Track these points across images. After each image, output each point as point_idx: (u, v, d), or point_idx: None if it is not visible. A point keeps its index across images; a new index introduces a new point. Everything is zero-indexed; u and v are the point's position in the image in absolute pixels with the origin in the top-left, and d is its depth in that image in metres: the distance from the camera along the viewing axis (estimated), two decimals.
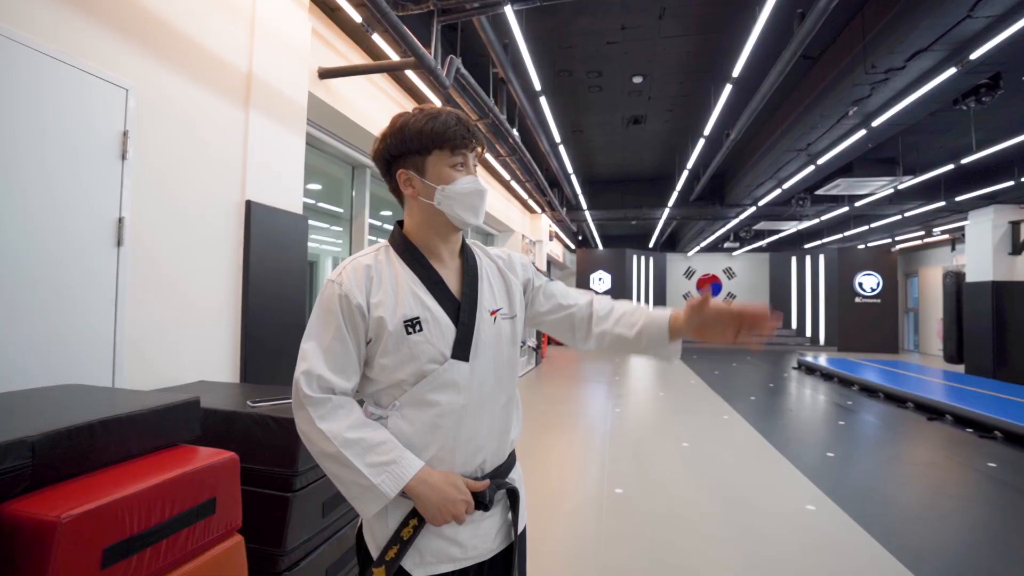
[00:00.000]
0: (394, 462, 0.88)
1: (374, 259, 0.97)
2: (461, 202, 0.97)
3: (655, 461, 4.15)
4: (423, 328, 0.93)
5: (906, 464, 4.18)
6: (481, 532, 0.96)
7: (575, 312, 1.09)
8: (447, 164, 0.97)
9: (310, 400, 0.88)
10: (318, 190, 4.50)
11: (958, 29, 3.55)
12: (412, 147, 0.97)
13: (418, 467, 0.89)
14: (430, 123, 0.96)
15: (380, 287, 0.94)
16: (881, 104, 4.99)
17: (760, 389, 7.88)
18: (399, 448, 0.90)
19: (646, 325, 1.03)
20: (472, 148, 1.01)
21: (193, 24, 2.27)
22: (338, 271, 0.95)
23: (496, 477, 0.99)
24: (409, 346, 0.92)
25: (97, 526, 0.96)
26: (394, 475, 0.87)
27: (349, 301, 0.91)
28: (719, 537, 2.79)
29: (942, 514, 3.15)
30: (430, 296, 0.96)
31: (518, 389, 1.06)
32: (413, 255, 0.99)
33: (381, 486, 0.86)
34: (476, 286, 1.01)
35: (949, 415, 5.63)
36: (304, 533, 1.62)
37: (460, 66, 3.70)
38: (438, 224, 1.00)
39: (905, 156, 7.54)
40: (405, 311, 0.93)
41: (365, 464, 0.86)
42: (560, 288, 1.14)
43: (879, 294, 14.20)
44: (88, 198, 1.80)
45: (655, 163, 9.97)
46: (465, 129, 0.97)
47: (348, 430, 0.88)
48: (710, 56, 5.58)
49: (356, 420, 0.90)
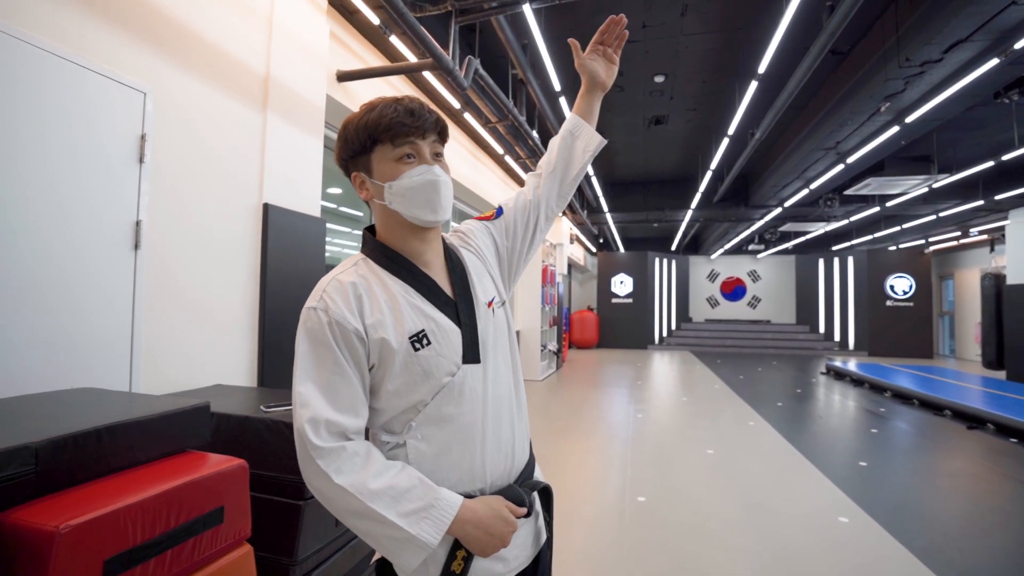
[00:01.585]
0: (431, 506, 0.78)
1: (356, 275, 0.86)
2: (411, 198, 0.86)
3: (678, 468, 4.03)
4: (431, 341, 0.84)
5: (945, 475, 3.98)
6: (520, 541, 0.89)
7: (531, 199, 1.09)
8: (392, 157, 0.86)
9: (321, 452, 0.76)
10: (338, 194, 4.52)
11: (1001, 17, 3.37)
12: (356, 147, 0.88)
13: (458, 505, 0.80)
14: (366, 116, 0.86)
15: (372, 306, 0.84)
16: (916, 99, 4.79)
17: (787, 394, 7.65)
18: (432, 488, 0.80)
19: (567, 131, 1.11)
20: (423, 134, 0.87)
21: (211, 28, 2.28)
22: (317, 296, 0.83)
23: (526, 478, 0.93)
24: (420, 363, 0.83)
25: (98, 536, 0.94)
26: (434, 520, 0.77)
27: (343, 327, 0.80)
28: (747, 549, 2.68)
29: (986, 529, 2.98)
30: (429, 304, 0.87)
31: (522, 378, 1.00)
32: (398, 262, 0.89)
33: (421, 536, 0.76)
34: (467, 281, 0.93)
35: (991, 424, 5.36)
36: (316, 543, 1.59)
37: (479, 67, 3.67)
38: (404, 225, 0.89)
39: (940, 153, 7.25)
40: (408, 327, 0.84)
41: (399, 515, 0.76)
42: (515, 196, 1.10)
43: (912, 297, 13.71)
44: (106, 201, 1.81)
45: (677, 164, 9.81)
46: (408, 115, 0.85)
47: (372, 479, 0.77)
48: (734, 53, 5.45)
49: (377, 467, 0.79)
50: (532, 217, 1.08)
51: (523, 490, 0.89)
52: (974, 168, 7.20)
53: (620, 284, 15.45)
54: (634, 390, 7.87)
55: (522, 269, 1.10)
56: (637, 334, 15.19)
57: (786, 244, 14.62)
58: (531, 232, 1.08)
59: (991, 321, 9.47)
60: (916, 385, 7.18)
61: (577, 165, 1.11)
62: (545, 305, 9.20)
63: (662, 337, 15.81)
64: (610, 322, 15.30)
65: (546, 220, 1.10)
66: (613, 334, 15.22)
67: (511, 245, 1.06)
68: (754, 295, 17.58)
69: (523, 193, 1.10)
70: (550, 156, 1.11)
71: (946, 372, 9.10)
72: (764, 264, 17.55)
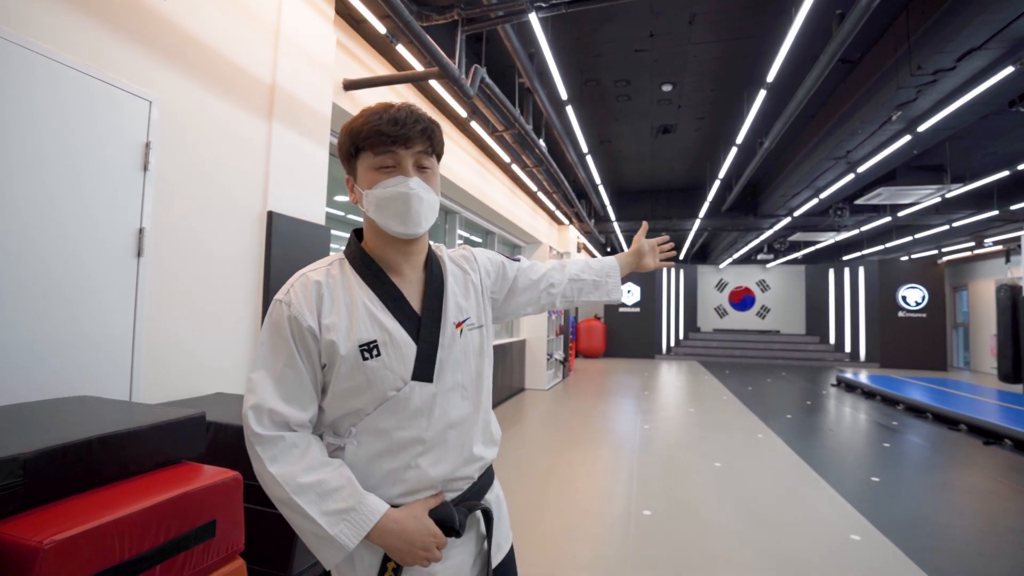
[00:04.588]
0: (353, 509, 0.79)
1: (325, 275, 0.88)
2: (383, 209, 0.86)
3: (685, 482, 3.96)
4: (381, 352, 0.84)
5: (961, 492, 3.88)
6: (454, 562, 0.88)
7: (556, 290, 1.15)
8: (372, 166, 0.87)
9: (260, 439, 0.80)
10: (344, 202, 4.52)
11: (1016, 25, 3.31)
12: (344, 152, 0.90)
13: (380, 513, 0.81)
14: (355, 123, 0.87)
15: (332, 307, 0.85)
16: (928, 108, 4.73)
17: (797, 407, 7.53)
18: (359, 493, 0.81)
19: (604, 272, 1.22)
20: (406, 144, 0.85)
21: (217, 36, 2.29)
22: (285, 289, 0.87)
23: (468, 499, 0.91)
24: (365, 373, 0.84)
25: (84, 551, 0.91)
26: (354, 524, 0.79)
27: (299, 323, 0.83)
28: (754, 567, 2.61)
29: (1003, 549, 2.88)
30: (388, 315, 0.87)
31: (490, 402, 0.99)
32: (370, 269, 0.90)
33: (339, 537, 0.78)
34: (441, 298, 0.92)
35: (1008, 439, 5.23)
36: (312, 556, 1.55)
37: (485, 76, 3.67)
38: (382, 234, 0.90)
39: (953, 163, 7.15)
40: (360, 334, 0.84)
41: (321, 512, 0.78)
42: (536, 268, 1.15)
43: (924, 308, 13.52)
44: (109, 209, 1.80)
45: (685, 173, 9.76)
46: (391, 124, 0.84)
47: (303, 473, 0.79)
48: (743, 61, 5.42)
49: (312, 461, 0.81)
50: (531, 295, 1.12)
51: (459, 510, 0.88)
52: (989, 178, 7.09)
53: (627, 293, 15.37)
54: (641, 400, 7.79)
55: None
56: (644, 344, 15.09)
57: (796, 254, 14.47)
58: (516, 305, 1.12)
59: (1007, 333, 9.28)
60: (930, 398, 7.04)
61: (591, 300, 1.22)
62: (551, 314, 9.15)
63: (670, 347, 15.69)
64: (617, 331, 15.21)
65: (536, 309, 1.15)
66: (620, 343, 15.12)
67: (496, 297, 1.08)
68: (763, 305, 17.42)
69: (548, 275, 1.15)
70: (585, 271, 1.21)
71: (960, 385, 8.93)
72: (773, 274, 17.39)
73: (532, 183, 7.18)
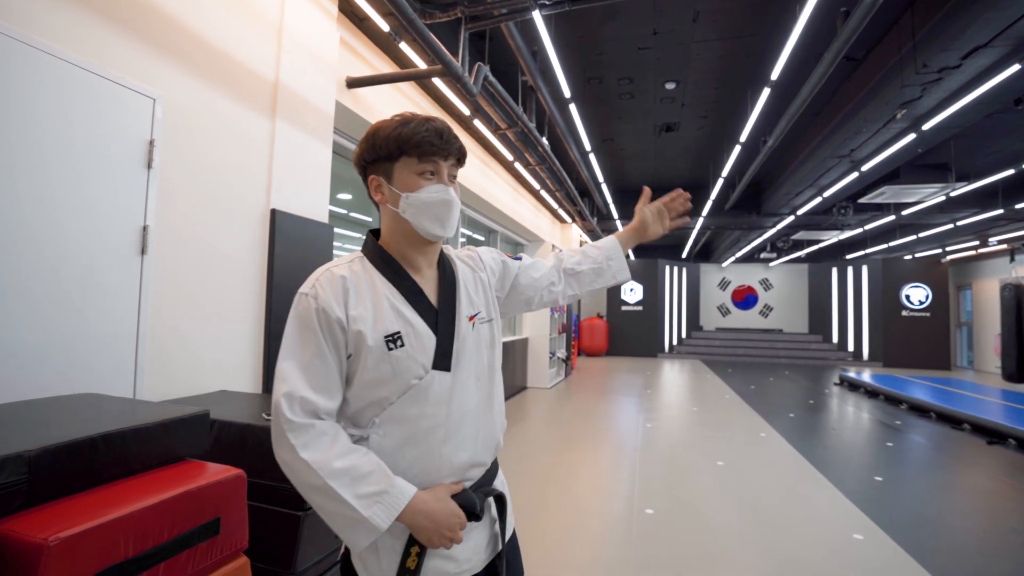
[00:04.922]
0: (385, 491, 0.84)
1: (349, 270, 0.93)
2: (425, 211, 0.93)
3: (688, 480, 3.95)
4: (404, 343, 0.90)
5: (965, 491, 3.87)
6: (471, 544, 0.94)
7: (557, 288, 1.17)
8: (414, 171, 0.94)
9: (292, 426, 0.82)
10: (348, 200, 4.52)
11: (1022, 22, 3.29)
12: (382, 153, 0.94)
13: (411, 495, 0.86)
14: (399, 128, 0.92)
15: (358, 300, 0.90)
16: (933, 106, 4.70)
17: (800, 406, 7.51)
18: (389, 476, 0.85)
19: (605, 255, 1.19)
20: (446, 157, 0.95)
21: (221, 34, 2.29)
22: (311, 283, 0.91)
23: (483, 486, 0.98)
24: (391, 362, 0.89)
25: (88, 549, 0.91)
26: (387, 505, 0.83)
27: (327, 315, 0.87)
28: (757, 566, 2.61)
29: (1007, 549, 2.87)
30: (410, 308, 0.93)
31: (502, 392, 1.04)
32: (390, 266, 0.96)
33: (373, 518, 0.82)
34: (455, 293, 0.99)
35: (1012, 439, 5.21)
36: (316, 554, 1.56)
37: (488, 73, 3.66)
38: (408, 234, 0.96)
39: (958, 161, 7.12)
40: (386, 326, 0.90)
41: (354, 496, 0.81)
42: (538, 265, 1.17)
43: (928, 307, 13.45)
44: (113, 206, 1.81)
45: (688, 171, 9.73)
46: (437, 136, 0.92)
47: (336, 459, 0.83)
48: (746, 59, 5.40)
49: (343, 447, 0.85)
50: (533, 293, 1.15)
51: (477, 495, 0.93)
52: (993, 176, 7.05)
53: (630, 291, 15.35)
54: (643, 399, 7.78)
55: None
56: (647, 342, 15.06)
57: (799, 252, 14.44)
58: (518, 303, 1.15)
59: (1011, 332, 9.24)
60: (933, 397, 7.02)
61: (597, 287, 1.22)
62: (554, 312, 9.15)
63: (672, 345, 15.67)
64: (620, 330, 15.19)
65: (539, 306, 1.18)
66: (623, 342, 15.10)
67: (499, 295, 1.12)
68: (766, 304, 17.38)
69: (549, 274, 1.17)
70: (583, 262, 1.19)
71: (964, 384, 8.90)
72: (776, 272, 17.35)
73: (535, 181, 7.17)
